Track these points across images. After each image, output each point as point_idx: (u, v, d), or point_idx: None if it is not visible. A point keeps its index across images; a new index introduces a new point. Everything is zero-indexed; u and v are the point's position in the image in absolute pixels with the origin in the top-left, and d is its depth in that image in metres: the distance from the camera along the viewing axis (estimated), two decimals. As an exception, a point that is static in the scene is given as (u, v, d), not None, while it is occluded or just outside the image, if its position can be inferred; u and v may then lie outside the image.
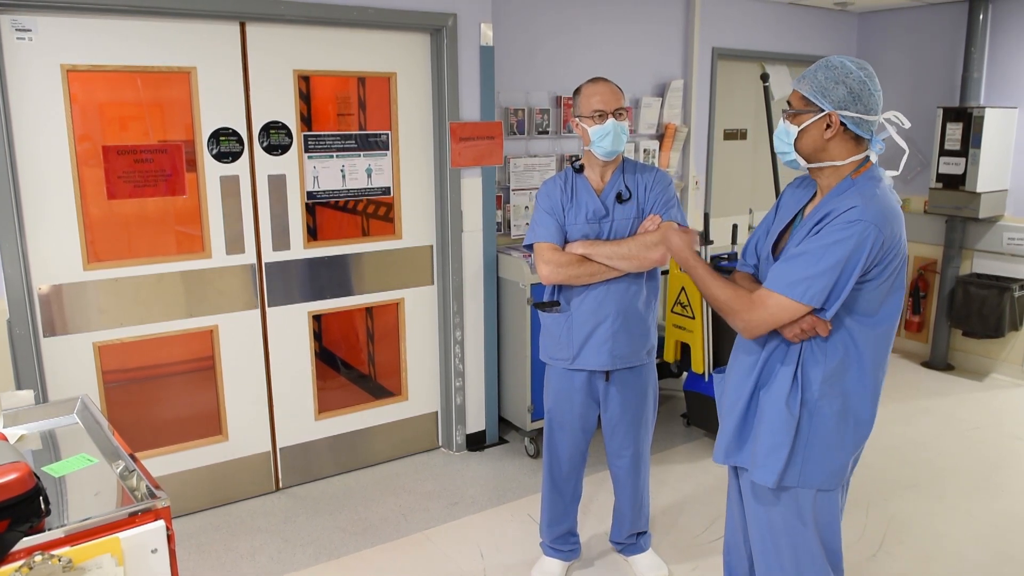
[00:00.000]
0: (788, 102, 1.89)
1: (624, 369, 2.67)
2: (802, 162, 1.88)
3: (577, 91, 2.60)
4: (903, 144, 1.89)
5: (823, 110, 1.79)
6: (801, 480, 1.88)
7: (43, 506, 1.38)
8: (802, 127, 1.83)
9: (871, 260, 1.74)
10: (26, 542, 1.30)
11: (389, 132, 3.62)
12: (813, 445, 1.86)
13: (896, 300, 1.84)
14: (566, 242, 2.60)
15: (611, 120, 2.50)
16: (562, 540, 2.90)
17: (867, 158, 1.84)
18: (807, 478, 1.88)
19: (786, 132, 1.87)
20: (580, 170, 2.65)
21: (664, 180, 2.63)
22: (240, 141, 3.23)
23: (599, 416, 2.78)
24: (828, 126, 1.80)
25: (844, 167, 1.83)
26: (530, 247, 2.65)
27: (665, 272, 4.08)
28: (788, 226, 1.97)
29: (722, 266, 3.92)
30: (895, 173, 1.89)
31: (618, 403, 2.71)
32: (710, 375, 3.96)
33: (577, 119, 2.57)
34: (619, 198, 2.59)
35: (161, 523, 1.40)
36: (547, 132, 4.27)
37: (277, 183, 3.35)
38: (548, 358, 2.75)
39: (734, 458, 1.99)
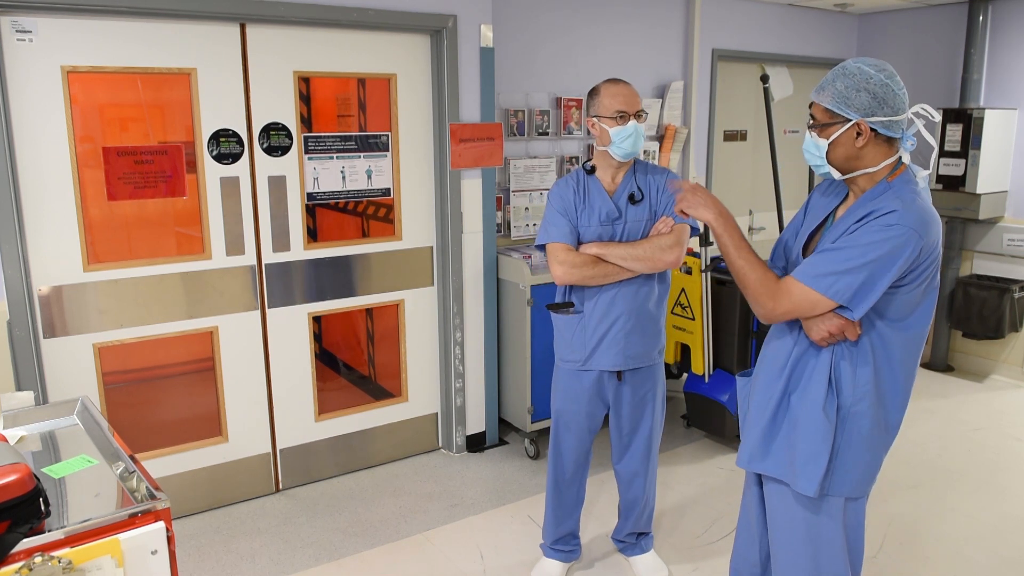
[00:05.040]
0: (812, 115, 1.85)
1: (635, 368, 2.68)
2: (837, 173, 1.84)
3: (595, 91, 2.58)
4: (931, 140, 1.87)
5: (849, 120, 1.76)
6: (834, 488, 1.85)
7: (43, 507, 1.38)
8: (832, 139, 1.79)
9: (907, 266, 1.71)
10: (26, 543, 1.30)
11: (389, 133, 3.62)
12: (847, 452, 1.83)
13: (929, 304, 1.81)
14: (579, 244, 2.59)
15: (632, 121, 2.50)
16: (563, 542, 2.90)
17: (900, 159, 1.81)
18: (840, 486, 1.85)
19: (815, 146, 1.83)
20: (592, 171, 2.64)
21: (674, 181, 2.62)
22: (240, 142, 3.23)
23: (605, 416, 2.79)
24: (858, 134, 1.76)
25: (879, 171, 1.80)
26: (542, 248, 2.65)
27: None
28: (818, 229, 1.94)
29: (723, 267, 3.92)
30: (927, 172, 1.84)
31: (629, 402, 2.72)
32: (710, 376, 3.96)
33: (595, 119, 2.55)
34: (632, 199, 2.59)
35: (161, 524, 1.40)
36: (547, 133, 4.27)
37: (277, 184, 3.35)
38: (559, 359, 2.75)
39: (758, 464, 1.95)
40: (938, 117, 1.81)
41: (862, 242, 1.70)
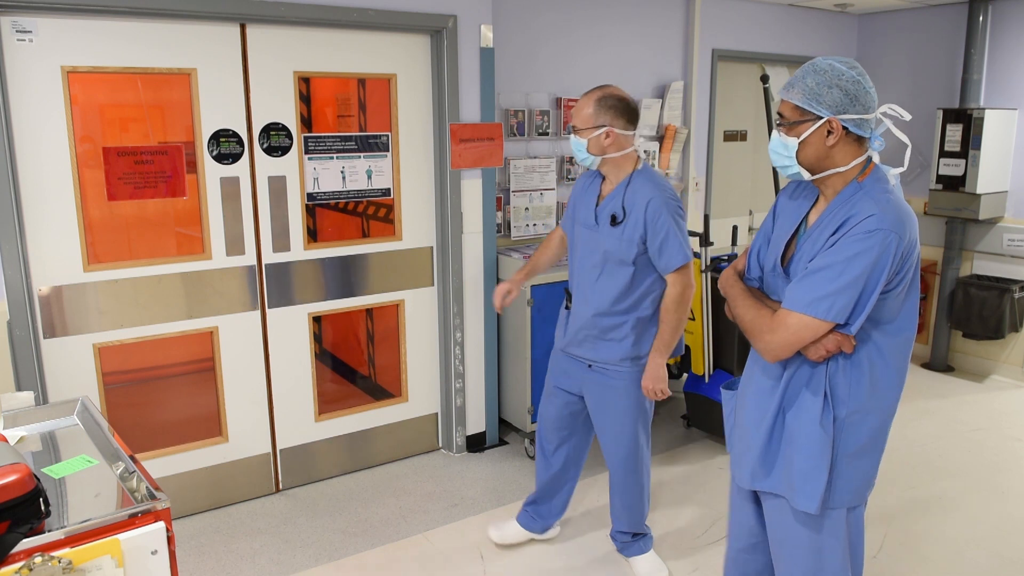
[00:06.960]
0: (779, 113, 1.80)
1: (603, 368, 2.69)
2: (806, 174, 1.79)
3: None
4: (904, 138, 1.84)
5: (821, 117, 1.72)
6: (836, 500, 1.82)
7: (43, 508, 1.38)
8: (802, 138, 1.75)
9: (893, 269, 1.68)
10: (26, 543, 1.30)
11: (389, 133, 3.62)
12: (846, 462, 1.81)
13: (913, 303, 1.79)
14: (572, 233, 2.78)
15: (572, 135, 2.64)
16: (534, 508, 2.96)
17: (869, 159, 1.78)
18: (841, 497, 1.82)
19: (784, 145, 1.78)
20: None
21: (656, 212, 2.49)
22: (240, 143, 3.23)
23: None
24: (829, 132, 1.72)
25: (849, 171, 1.77)
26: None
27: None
28: (793, 235, 1.90)
29: (723, 268, 3.92)
30: (901, 170, 1.81)
31: (592, 400, 2.76)
32: (710, 376, 3.96)
33: None
34: (613, 220, 2.58)
35: (161, 524, 1.40)
36: (547, 134, 4.27)
37: (277, 184, 3.35)
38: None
39: (761, 483, 1.91)
40: (908, 116, 1.76)
41: (848, 254, 1.67)
